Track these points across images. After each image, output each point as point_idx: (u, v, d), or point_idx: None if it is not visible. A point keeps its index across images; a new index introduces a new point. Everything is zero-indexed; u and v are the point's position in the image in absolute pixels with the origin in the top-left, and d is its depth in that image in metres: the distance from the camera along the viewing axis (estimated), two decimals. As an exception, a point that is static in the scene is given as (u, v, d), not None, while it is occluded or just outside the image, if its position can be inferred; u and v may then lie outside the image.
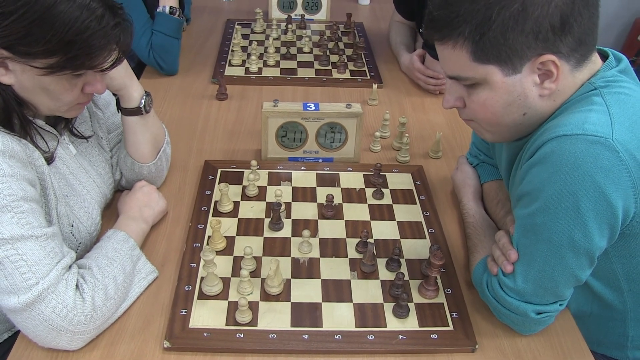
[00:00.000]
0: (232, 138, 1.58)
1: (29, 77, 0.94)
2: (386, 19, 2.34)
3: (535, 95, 0.94)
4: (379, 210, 1.32)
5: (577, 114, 0.90)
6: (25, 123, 0.99)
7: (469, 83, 0.97)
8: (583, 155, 0.85)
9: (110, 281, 1.00)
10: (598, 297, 1.10)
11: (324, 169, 1.44)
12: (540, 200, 0.91)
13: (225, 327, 1.03)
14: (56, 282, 0.92)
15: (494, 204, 1.27)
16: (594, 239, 0.90)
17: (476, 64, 0.93)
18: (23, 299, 0.89)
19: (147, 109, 1.23)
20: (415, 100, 1.83)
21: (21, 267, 0.89)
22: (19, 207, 0.91)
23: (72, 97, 1.00)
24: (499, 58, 0.91)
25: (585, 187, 0.86)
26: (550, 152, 0.88)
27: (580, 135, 0.86)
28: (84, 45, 0.91)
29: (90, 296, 0.95)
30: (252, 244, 1.19)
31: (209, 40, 2.14)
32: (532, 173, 0.92)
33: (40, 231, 0.92)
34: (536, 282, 0.95)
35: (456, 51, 0.93)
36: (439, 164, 1.53)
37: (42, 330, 0.92)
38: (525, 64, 0.91)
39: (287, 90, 1.83)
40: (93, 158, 1.21)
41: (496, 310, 1.03)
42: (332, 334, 1.02)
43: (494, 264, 1.02)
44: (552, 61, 0.90)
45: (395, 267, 1.16)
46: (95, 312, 0.95)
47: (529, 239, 0.95)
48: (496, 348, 1.04)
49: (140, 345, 1.00)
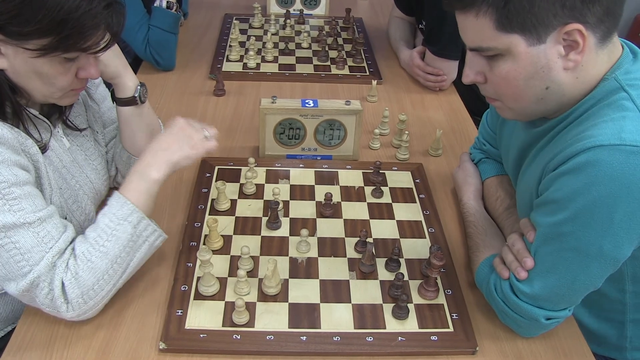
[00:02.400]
0: (229, 135, 1.56)
1: (22, 60, 0.93)
2: (385, 14, 2.32)
3: (560, 68, 0.91)
4: (378, 209, 1.31)
5: (610, 122, 0.87)
6: (17, 110, 0.98)
7: (491, 54, 0.93)
8: (621, 166, 0.83)
9: (103, 258, 0.97)
10: (599, 299, 1.09)
11: (322, 166, 1.43)
12: (569, 209, 0.88)
13: (222, 328, 1.01)
14: (48, 270, 0.94)
15: (493, 200, 1.26)
16: (623, 249, 0.88)
17: (499, 33, 0.89)
18: (20, 285, 0.93)
19: (142, 99, 1.22)
20: (415, 97, 1.82)
21: (15, 255, 0.92)
22: (10, 194, 0.92)
23: (66, 82, 1.00)
24: (523, 27, 0.87)
25: (622, 198, 0.84)
26: (585, 163, 0.86)
27: (618, 146, 0.84)
28: (75, 24, 0.91)
29: (83, 277, 0.95)
30: (250, 243, 1.17)
31: (206, 35, 2.12)
32: (562, 181, 0.89)
33: (33, 216, 0.93)
34: (554, 289, 0.94)
35: (479, 20, 0.90)
36: (439, 162, 1.51)
37: (45, 309, 0.97)
38: (550, 34, 0.87)
39: (286, 87, 1.81)
40: (88, 152, 1.19)
41: (502, 312, 1.01)
42: (331, 335, 1.01)
43: (504, 268, 1.00)
44: (578, 30, 0.86)
45: (394, 267, 1.14)
46: (89, 292, 0.96)
47: (552, 247, 0.93)
48: (497, 350, 1.02)
49: (135, 347, 0.98)
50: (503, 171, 1.30)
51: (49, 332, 1.00)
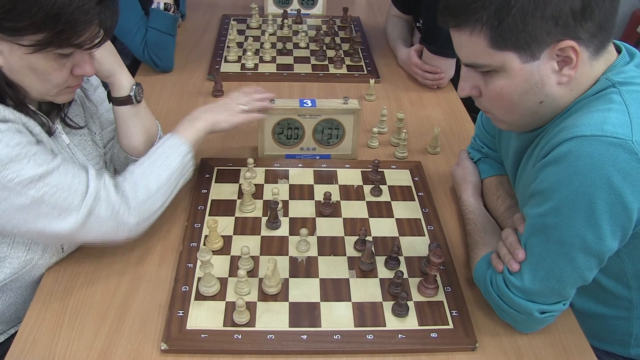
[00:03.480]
0: (228, 135, 1.56)
1: (17, 56, 0.95)
2: (383, 13, 2.32)
3: (553, 82, 0.92)
4: (377, 207, 1.31)
5: (595, 113, 0.88)
6: (18, 104, 1.00)
7: (485, 70, 0.95)
8: (602, 157, 0.84)
9: (153, 178, 1.11)
10: (605, 295, 1.09)
11: (321, 166, 1.43)
12: (553, 200, 0.89)
13: (223, 328, 1.02)
14: (97, 191, 1.03)
15: (494, 199, 1.26)
16: (606, 241, 0.88)
17: (494, 50, 0.91)
18: (80, 214, 1.00)
19: (137, 99, 1.23)
20: (413, 95, 1.82)
21: (61, 195, 0.99)
22: (30, 151, 0.97)
23: (61, 79, 1.02)
24: (517, 44, 0.89)
25: (602, 189, 0.84)
26: (567, 153, 0.87)
27: (600, 137, 0.84)
28: (69, 19, 0.93)
29: (132, 192, 1.07)
30: (249, 243, 1.17)
31: (204, 36, 2.13)
32: (547, 172, 0.90)
33: (55, 163, 1.00)
34: (543, 281, 0.94)
35: (473, 38, 0.91)
36: (438, 160, 1.51)
37: (105, 231, 1.05)
38: (544, 50, 0.89)
39: (284, 86, 1.82)
40: (86, 152, 1.20)
41: (499, 308, 1.02)
42: (331, 333, 1.01)
43: (499, 262, 1.01)
44: (571, 47, 0.88)
45: (394, 265, 1.15)
46: (143, 204, 1.08)
47: (538, 239, 0.93)
48: (497, 346, 1.03)
49: (136, 348, 0.99)
50: (502, 171, 1.30)
51: (52, 333, 1.01)
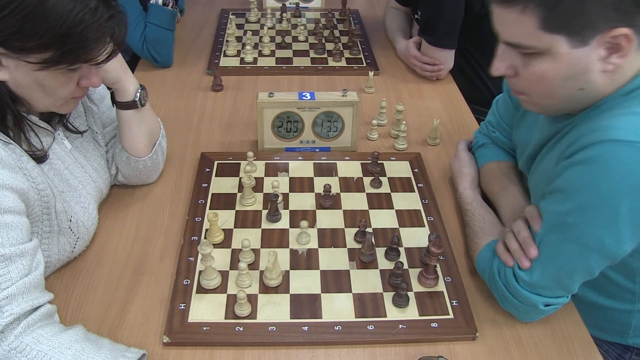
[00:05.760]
0: (228, 129, 1.57)
1: (24, 72, 0.92)
2: (382, 5, 2.31)
3: (598, 70, 0.87)
4: (377, 199, 1.31)
5: (631, 116, 0.85)
6: (19, 119, 0.98)
7: (529, 52, 0.89)
8: (634, 164, 0.82)
9: None
10: (609, 288, 1.10)
11: (321, 158, 1.43)
12: (576, 200, 0.88)
13: (225, 320, 1.02)
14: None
15: (491, 180, 1.26)
16: (624, 245, 0.88)
17: (543, 32, 0.85)
18: None
19: (142, 103, 1.22)
20: (412, 87, 1.82)
21: None
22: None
23: (68, 92, 0.99)
24: (570, 28, 0.83)
25: (630, 196, 0.83)
26: (597, 155, 0.85)
27: (634, 143, 0.82)
28: (78, 38, 0.89)
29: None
30: (250, 236, 1.18)
31: (203, 31, 2.13)
32: (572, 171, 0.88)
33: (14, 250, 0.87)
34: (553, 277, 0.94)
35: (524, 17, 0.85)
36: (437, 151, 1.52)
37: None
38: (596, 36, 0.84)
39: (283, 80, 1.82)
40: (88, 153, 1.20)
41: (503, 297, 1.02)
42: (332, 325, 1.02)
43: (509, 256, 1.00)
44: (625, 35, 0.82)
45: (394, 256, 1.15)
46: None
47: (555, 236, 0.93)
48: (497, 335, 1.03)
49: (139, 341, 1.00)
50: (505, 157, 1.30)
51: (54, 328, 1.01)
